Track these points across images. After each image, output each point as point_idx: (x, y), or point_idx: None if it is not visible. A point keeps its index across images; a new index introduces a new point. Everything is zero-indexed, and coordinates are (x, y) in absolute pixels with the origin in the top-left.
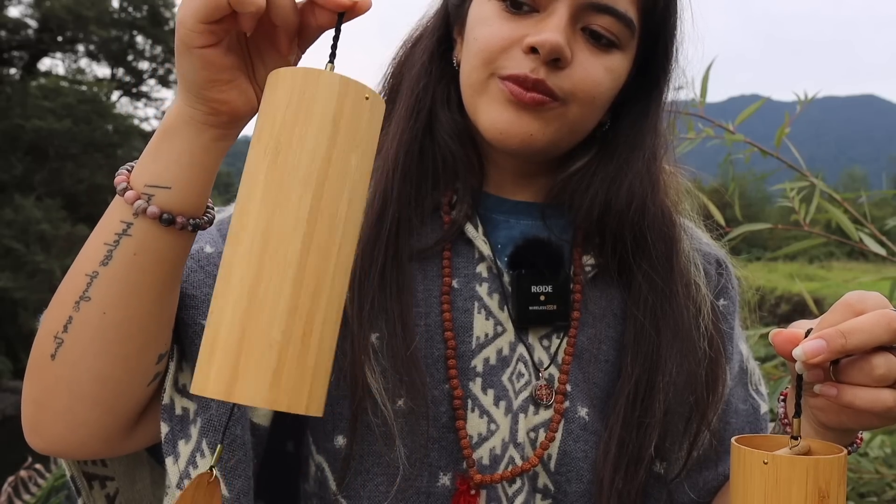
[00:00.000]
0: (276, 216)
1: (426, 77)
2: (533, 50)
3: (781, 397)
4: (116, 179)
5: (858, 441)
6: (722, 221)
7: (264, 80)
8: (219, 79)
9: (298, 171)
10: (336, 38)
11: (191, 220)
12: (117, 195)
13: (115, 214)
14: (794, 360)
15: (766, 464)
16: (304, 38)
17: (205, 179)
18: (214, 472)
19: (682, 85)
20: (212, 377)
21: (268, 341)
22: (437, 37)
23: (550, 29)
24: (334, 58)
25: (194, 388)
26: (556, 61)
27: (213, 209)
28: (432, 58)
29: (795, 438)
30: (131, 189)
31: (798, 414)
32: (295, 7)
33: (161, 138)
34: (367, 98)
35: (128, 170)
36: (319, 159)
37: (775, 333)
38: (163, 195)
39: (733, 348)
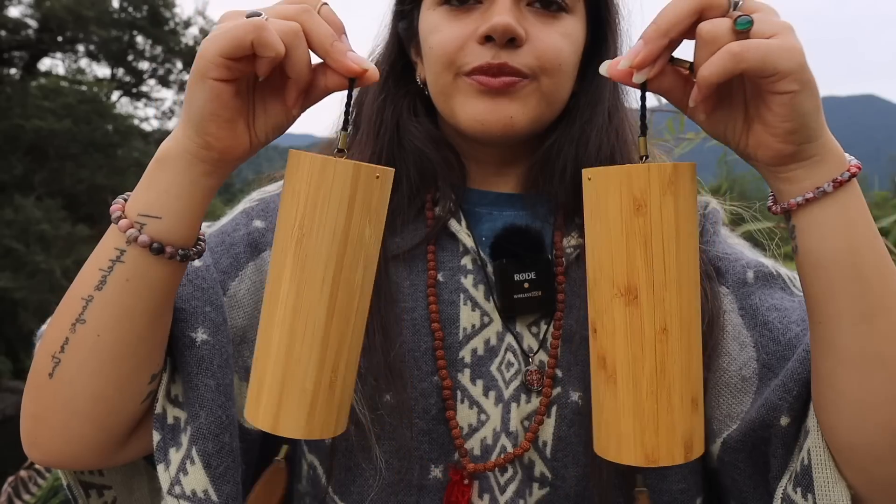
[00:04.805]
0: (304, 291)
1: (384, 92)
2: (488, 39)
3: (770, 198)
4: (112, 208)
5: (852, 169)
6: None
7: (262, 131)
8: (221, 115)
9: (321, 253)
10: (348, 105)
11: (180, 251)
12: (112, 223)
13: (110, 241)
14: (632, 81)
15: (590, 179)
16: (309, 96)
17: (194, 212)
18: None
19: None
20: (260, 413)
21: (302, 390)
22: (391, 61)
23: (498, 13)
24: (348, 126)
25: (248, 416)
26: (512, 41)
27: (203, 240)
28: (388, 78)
29: (643, 158)
30: (125, 217)
31: (643, 132)
32: (310, 63)
33: (155, 168)
34: (377, 177)
35: (124, 199)
36: (338, 239)
37: (607, 66)
38: (154, 224)
39: (728, 267)
